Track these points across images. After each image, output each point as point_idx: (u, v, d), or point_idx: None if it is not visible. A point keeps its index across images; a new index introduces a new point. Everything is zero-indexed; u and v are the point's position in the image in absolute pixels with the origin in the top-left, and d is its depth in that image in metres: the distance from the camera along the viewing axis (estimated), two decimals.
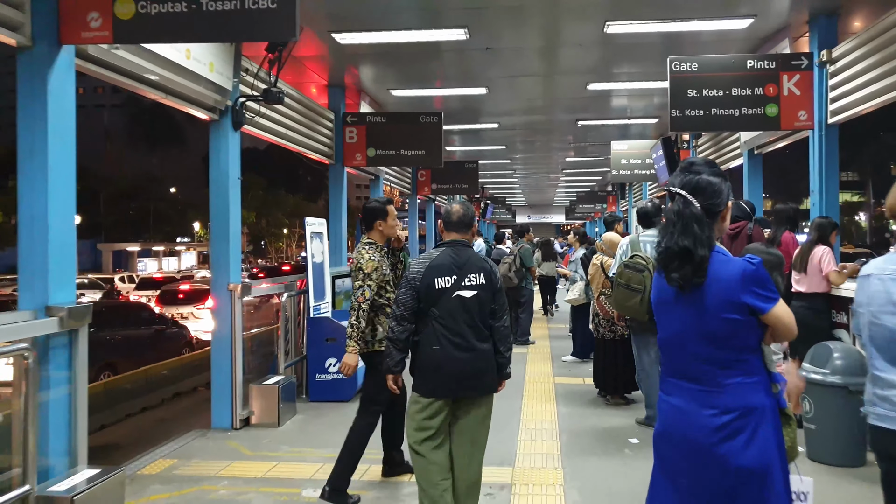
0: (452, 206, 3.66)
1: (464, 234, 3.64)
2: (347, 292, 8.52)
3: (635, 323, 5.84)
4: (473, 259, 3.55)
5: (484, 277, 3.51)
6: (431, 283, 3.42)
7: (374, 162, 9.47)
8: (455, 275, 3.45)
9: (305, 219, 7.13)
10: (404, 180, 14.16)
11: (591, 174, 22.35)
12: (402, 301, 3.48)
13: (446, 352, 3.39)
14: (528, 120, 12.35)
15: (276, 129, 7.45)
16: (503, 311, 3.61)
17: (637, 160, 12.28)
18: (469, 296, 3.45)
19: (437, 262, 3.48)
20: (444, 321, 3.41)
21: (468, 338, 3.42)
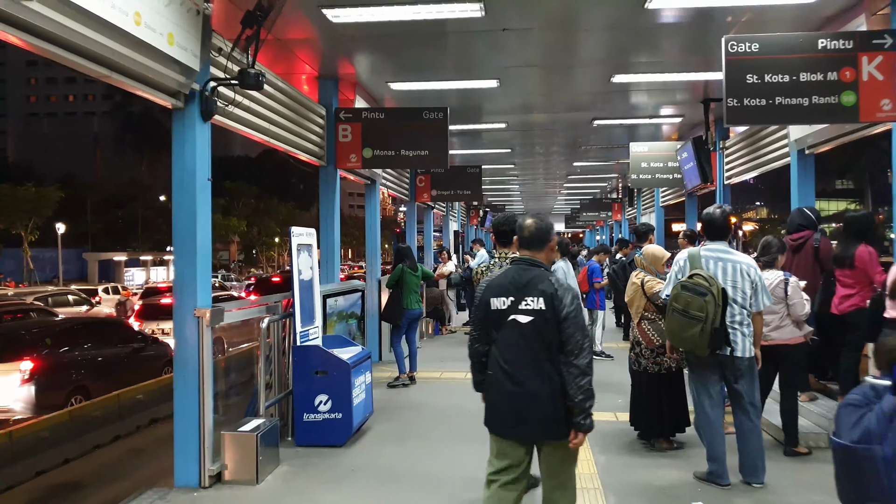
0: (525, 219, 3.35)
1: (536, 252, 3.28)
2: (341, 313, 7.41)
3: (693, 357, 4.75)
4: (536, 280, 3.17)
5: (544, 302, 3.12)
6: (488, 303, 3.25)
7: (371, 164, 8.38)
8: (512, 296, 3.17)
9: (291, 229, 6.01)
10: (402, 185, 13.07)
11: (596, 180, 21.32)
12: (473, 319, 3.40)
13: (498, 380, 3.20)
14: (540, 119, 11.29)
15: (257, 122, 6.34)
16: (577, 346, 3.11)
17: (658, 163, 11.23)
18: (525, 321, 3.14)
19: (498, 280, 3.25)
20: (500, 346, 3.21)
21: (520, 369, 3.14)
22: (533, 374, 3.12)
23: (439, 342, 12.64)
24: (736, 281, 4.52)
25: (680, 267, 4.71)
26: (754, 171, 9.59)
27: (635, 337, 5.80)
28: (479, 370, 3.38)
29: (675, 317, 4.42)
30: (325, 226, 8.34)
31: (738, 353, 4.51)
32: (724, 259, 4.58)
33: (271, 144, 6.94)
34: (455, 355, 10.81)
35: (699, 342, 4.32)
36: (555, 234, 3.45)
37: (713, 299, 4.27)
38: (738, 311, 4.51)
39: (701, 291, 4.29)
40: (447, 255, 14.15)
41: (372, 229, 10.37)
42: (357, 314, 8.04)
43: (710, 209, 4.78)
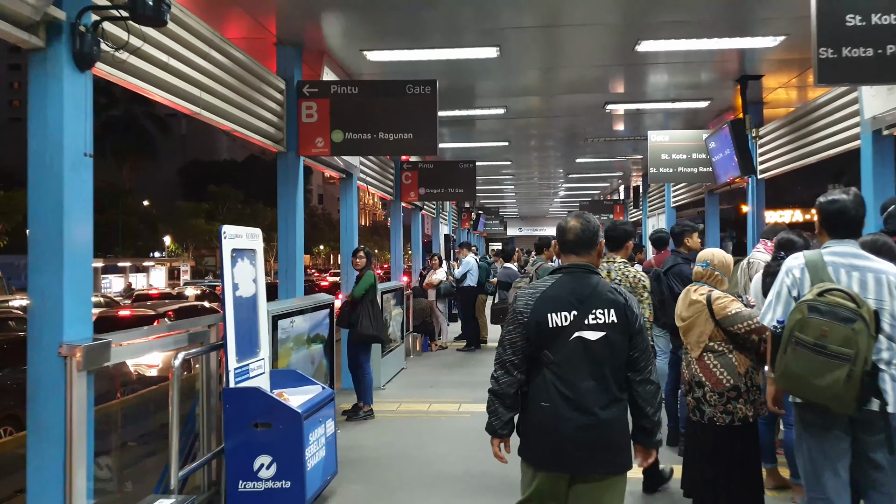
0: (568, 220, 2.84)
1: (586, 256, 2.78)
2: (301, 337, 5.82)
3: (817, 416, 3.13)
4: (602, 289, 2.70)
5: (616, 314, 2.67)
6: (543, 319, 2.67)
7: (341, 150, 6.79)
8: (576, 309, 2.66)
9: (222, 228, 4.40)
10: (385, 181, 11.47)
11: (598, 180, 19.80)
12: (510, 341, 2.73)
13: (558, 411, 2.65)
14: (545, 104, 9.73)
15: (178, 85, 4.74)
16: (647, 360, 2.73)
17: (681, 154, 9.71)
18: (595, 338, 2.65)
19: (552, 292, 2.71)
20: (560, 370, 2.67)
21: (590, 396, 2.64)
22: (605, 401, 2.68)
23: (429, 361, 11.04)
24: (882, 300, 2.96)
25: (794, 279, 3.12)
26: (799, 161, 8.06)
27: (694, 376, 4.23)
28: (512, 406, 2.79)
29: (802, 354, 2.85)
30: (284, 226, 6.74)
31: (892, 409, 2.95)
32: (860, 267, 3.02)
33: (207, 119, 5.34)
34: (447, 379, 9.22)
35: (844, 393, 2.77)
36: (602, 236, 2.88)
37: (865, 328, 2.72)
38: (885, 344, 2.95)
39: (845, 317, 2.74)
40: (437, 262, 12.56)
41: (348, 231, 8.78)
42: (324, 336, 6.44)
43: (836, 194, 3.18)
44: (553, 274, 2.85)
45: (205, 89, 5.16)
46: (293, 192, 6.74)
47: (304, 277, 7.40)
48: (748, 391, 4.07)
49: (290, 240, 6.69)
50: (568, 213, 3.32)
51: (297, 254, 6.71)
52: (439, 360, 11.10)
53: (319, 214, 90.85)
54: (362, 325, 7.01)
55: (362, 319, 7.02)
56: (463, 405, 7.66)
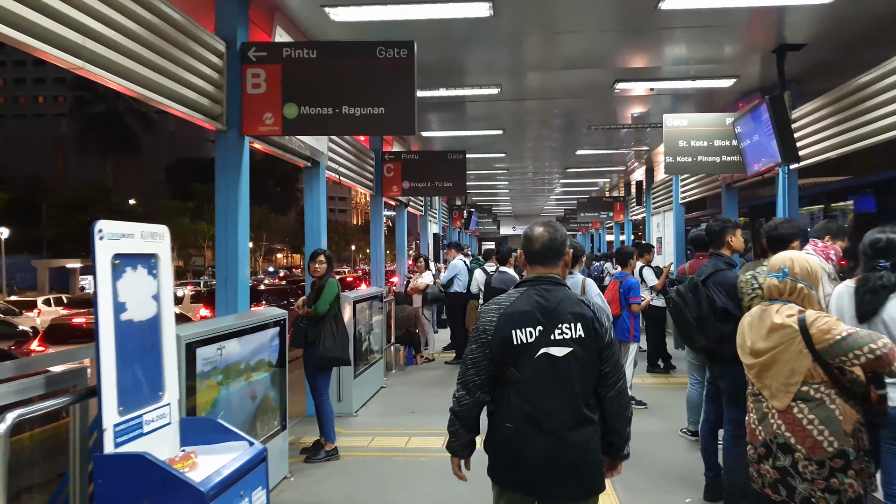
0: (534, 228, 2.69)
1: (552, 268, 2.64)
2: (234, 367, 4.51)
3: None
4: (568, 302, 2.56)
5: (583, 328, 2.53)
6: (508, 336, 2.54)
7: (295, 128, 5.46)
8: (541, 325, 2.53)
9: (96, 225, 3.05)
10: (363, 172, 10.13)
11: (597, 175, 18.50)
12: (473, 361, 2.60)
13: (522, 433, 2.52)
14: (546, 82, 8.42)
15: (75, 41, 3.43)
16: (618, 375, 2.58)
17: (701, 141, 8.41)
18: (562, 354, 2.51)
19: (516, 307, 2.57)
20: (525, 389, 2.53)
21: (556, 416, 2.49)
22: (573, 421, 2.50)
23: (412, 377, 9.72)
24: None
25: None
26: (847, 146, 6.78)
27: (776, 436, 2.93)
28: (473, 428, 2.67)
29: None
30: (223, 224, 5.40)
31: None
32: None
33: (120, 87, 4.05)
34: (432, 402, 7.92)
35: None
36: (569, 244, 2.71)
37: None
38: None
39: None
40: (423, 264, 11.24)
41: (313, 230, 7.44)
42: (272, 363, 5.11)
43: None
44: (518, 287, 2.68)
45: (115, 48, 3.87)
46: (235, 181, 5.40)
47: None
48: (857, 458, 2.79)
49: (231, 240, 5.36)
50: (535, 223, 2.81)
51: (240, 258, 5.37)
52: (424, 376, 9.78)
53: None
54: (325, 345, 5.69)
55: (325, 338, 5.71)
56: None
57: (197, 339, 3.96)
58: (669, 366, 9.72)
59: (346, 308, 7.39)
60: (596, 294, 5.19)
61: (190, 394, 3.90)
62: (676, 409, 7.44)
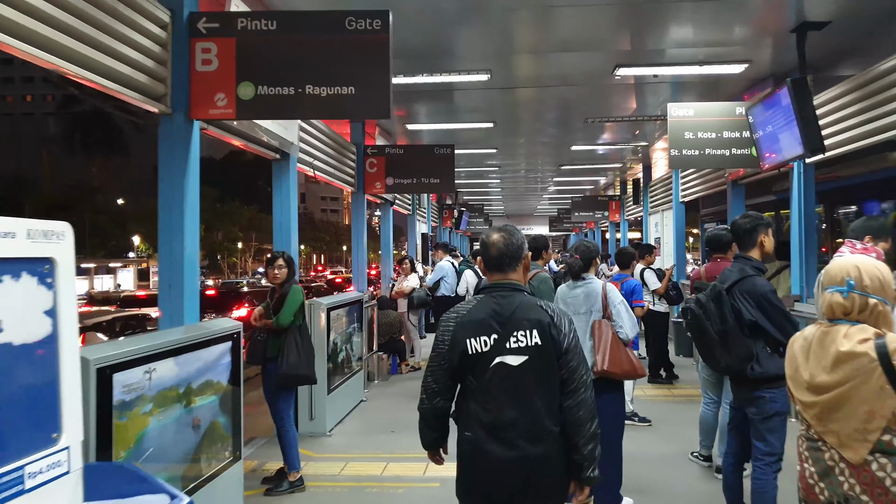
0: (490, 234, 2.61)
1: (510, 273, 2.56)
2: (169, 393, 3.77)
3: None
4: (523, 309, 2.47)
5: (540, 335, 2.42)
6: (463, 346, 2.48)
7: (252, 111, 4.72)
8: (496, 333, 2.45)
9: None
10: (342, 167, 9.40)
11: (592, 172, 17.81)
12: (430, 368, 2.64)
13: (479, 443, 2.46)
14: (541, 67, 7.70)
15: None
16: (580, 382, 2.44)
17: (709, 132, 7.72)
18: (517, 363, 2.42)
19: (472, 315, 2.50)
20: (483, 398, 2.47)
21: (515, 427, 2.40)
22: (532, 433, 2.40)
23: (395, 388, 8.99)
24: None
25: None
26: (874, 136, 6.10)
27: (847, 497, 2.22)
28: (435, 428, 2.74)
29: None
30: (167, 221, 4.65)
31: None
32: None
33: (45, 62, 3.36)
34: (415, 419, 7.15)
35: None
36: (527, 248, 2.64)
37: None
38: None
39: None
40: (409, 267, 10.51)
41: (283, 230, 6.70)
42: (222, 383, 4.37)
43: None
44: (476, 294, 2.62)
45: (36, 16, 3.15)
46: (181, 173, 4.66)
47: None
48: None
49: (176, 241, 4.61)
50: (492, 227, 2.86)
51: (187, 262, 4.63)
52: (409, 388, 9.05)
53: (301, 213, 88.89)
54: (288, 361, 4.97)
55: (287, 353, 4.98)
56: (432, 466, 5.62)
57: (114, 362, 3.22)
58: (672, 375, 9.05)
59: (319, 316, 6.66)
60: (619, 302, 4.49)
61: (104, 431, 3.16)
62: (683, 426, 6.76)
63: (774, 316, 3.67)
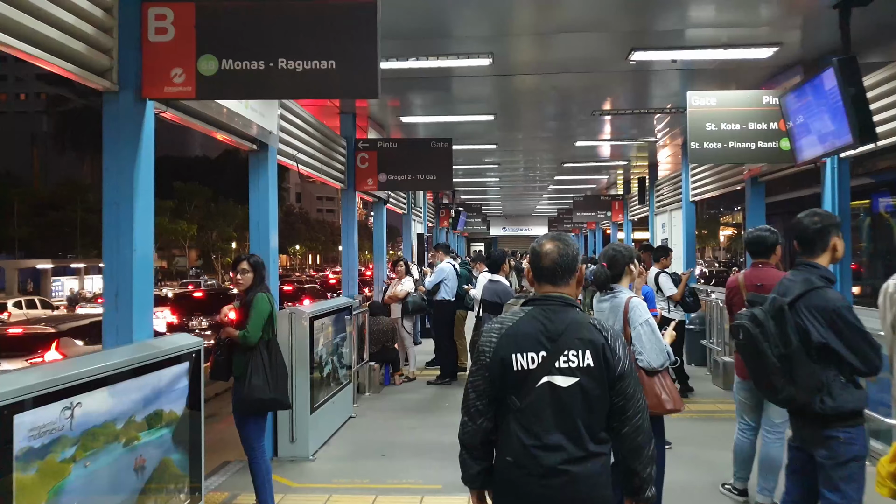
0: (543, 243, 2.41)
1: (562, 286, 2.36)
2: (103, 431, 3.03)
3: None
4: (576, 327, 2.27)
5: (592, 356, 2.24)
6: (507, 360, 2.28)
7: (215, 88, 4.01)
8: (545, 350, 2.26)
9: None
10: (332, 164, 8.69)
11: (596, 171, 17.11)
12: (473, 384, 2.37)
13: (521, 469, 2.24)
14: (546, 48, 6.98)
15: None
16: (635, 408, 2.27)
17: (733, 124, 7.02)
18: (566, 385, 2.23)
19: (519, 328, 2.31)
20: (526, 419, 2.25)
21: (560, 452, 2.21)
22: (577, 457, 2.21)
23: (388, 402, 8.27)
24: None
25: None
26: None
27: None
28: (480, 457, 2.39)
29: None
30: (113, 218, 3.93)
31: None
32: None
33: None
34: (410, 438, 6.46)
35: None
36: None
37: None
38: None
39: None
40: (403, 269, 9.80)
41: (261, 228, 5.97)
42: (174, 413, 3.65)
43: None
44: (524, 306, 2.40)
45: None
46: (130, 161, 3.93)
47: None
48: None
49: (124, 242, 3.89)
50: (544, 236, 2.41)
51: (139, 264, 3.91)
52: (402, 401, 8.33)
53: (296, 213, 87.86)
54: (252, 383, 4.25)
55: (252, 374, 4.27)
56: (428, 500, 4.92)
57: (14, 399, 2.50)
58: (687, 388, 8.36)
59: (301, 326, 5.94)
60: (642, 322, 3.80)
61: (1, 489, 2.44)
62: (707, 448, 6.09)
63: (851, 337, 2.96)
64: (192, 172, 59.71)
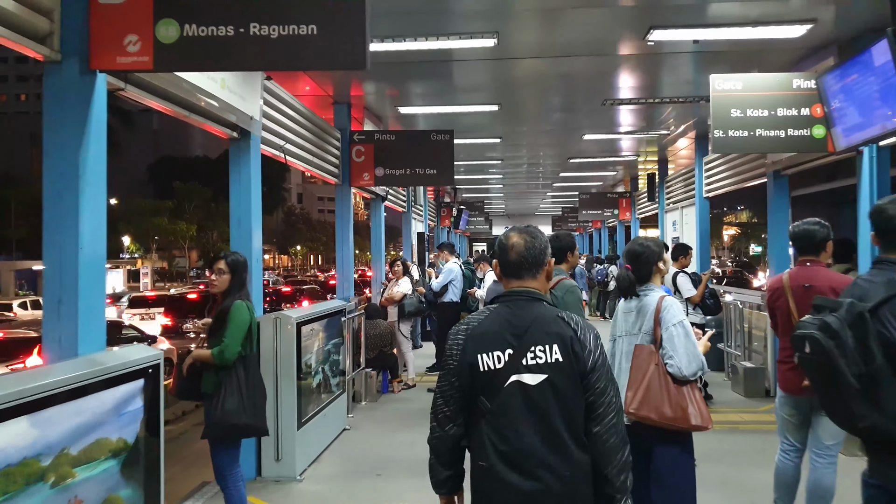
0: (510, 235, 2.31)
1: (531, 280, 2.26)
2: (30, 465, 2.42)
3: None
4: (542, 321, 2.17)
5: (561, 350, 2.13)
6: (474, 361, 2.18)
7: (174, 59, 3.41)
8: (511, 347, 2.16)
9: None
10: (326, 158, 8.11)
11: (602, 167, 16.51)
12: (440, 389, 2.27)
13: (495, 472, 2.13)
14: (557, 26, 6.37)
15: None
16: (609, 405, 2.15)
17: (761, 110, 6.41)
18: (535, 382, 2.12)
19: (483, 327, 2.21)
20: (497, 422, 2.15)
21: (535, 456, 2.09)
22: (555, 462, 2.09)
23: (385, 412, 7.69)
24: None
25: None
26: None
27: None
28: (448, 463, 2.29)
29: None
30: (54, 212, 3.33)
31: None
32: None
33: None
34: (407, 455, 5.89)
35: None
36: (551, 253, 2.34)
37: None
38: None
39: None
40: (400, 270, 9.22)
41: (242, 226, 5.40)
42: (130, 441, 3.07)
43: None
44: (490, 304, 2.32)
45: None
46: (76, 143, 3.34)
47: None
48: None
49: (69, 238, 3.30)
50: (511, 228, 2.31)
51: (86, 266, 3.32)
52: (401, 411, 7.75)
53: (298, 214, 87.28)
54: (225, 406, 3.68)
55: (227, 396, 3.70)
56: None
57: None
58: (706, 395, 7.77)
59: (287, 333, 5.36)
60: (676, 323, 3.29)
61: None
62: (736, 466, 5.55)
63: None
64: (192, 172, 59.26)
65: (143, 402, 3.22)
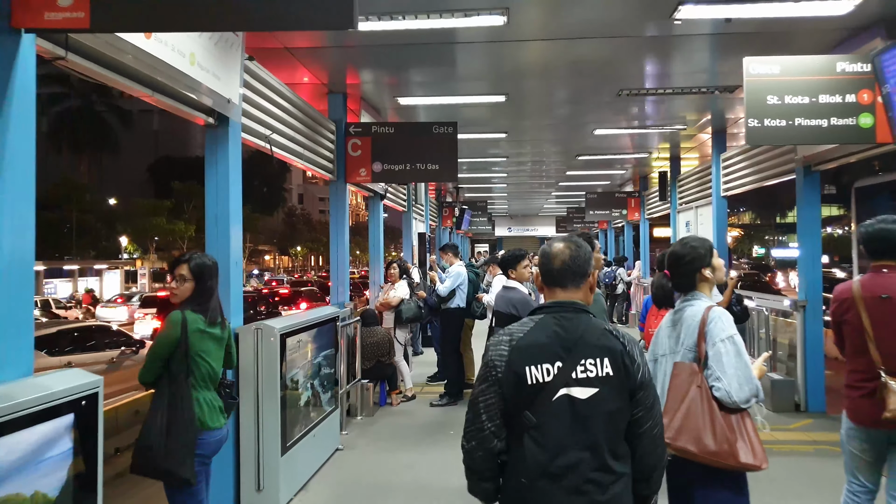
0: (554, 244, 2.27)
1: (574, 291, 2.20)
2: None
3: None
4: (592, 333, 2.11)
5: (612, 364, 2.08)
6: (521, 373, 2.09)
7: (116, 17, 2.76)
8: (560, 360, 2.09)
9: None
10: (319, 152, 7.45)
11: (609, 165, 15.83)
12: (485, 404, 2.13)
13: (538, 489, 2.06)
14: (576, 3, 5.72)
15: None
16: (653, 421, 2.12)
17: (802, 96, 5.76)
18: (585, 396, 2.07)
19: (530, 338, 2.13)
20: (543, 437, 2.08)
21: (581, 471, 2.03)
22: (598, 476, 2.04)
23: (383, 428, 7.03)
24: None
25: None
26: None
27: None
28: (491, 478, 2.17)
29: None
30: None
31: None
32: None
33: None
34: (407, 479, 5.19)
35: None
36: (593, 264, 2.32)
37: None
38: None
39: None
40: (397, 273, 8.57)
41: (219, 222, 4.75)
42: (54, 495, 2.43)
43: None
44: (533, 315, 2.22)
45: None
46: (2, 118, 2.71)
47: None
48: None
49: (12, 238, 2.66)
50: (555, 238, 2.30)
51: (8, 272, 2.68)
52: (400, 427, 7.09)
53: (298, 214, 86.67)
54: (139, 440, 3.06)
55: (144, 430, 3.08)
56: None
57: None
58: None
59: (270, 345, 4.72)
60: (724, 338, 2.72)
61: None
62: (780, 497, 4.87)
63: None
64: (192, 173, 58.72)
65: (73, 444, 2.57)
